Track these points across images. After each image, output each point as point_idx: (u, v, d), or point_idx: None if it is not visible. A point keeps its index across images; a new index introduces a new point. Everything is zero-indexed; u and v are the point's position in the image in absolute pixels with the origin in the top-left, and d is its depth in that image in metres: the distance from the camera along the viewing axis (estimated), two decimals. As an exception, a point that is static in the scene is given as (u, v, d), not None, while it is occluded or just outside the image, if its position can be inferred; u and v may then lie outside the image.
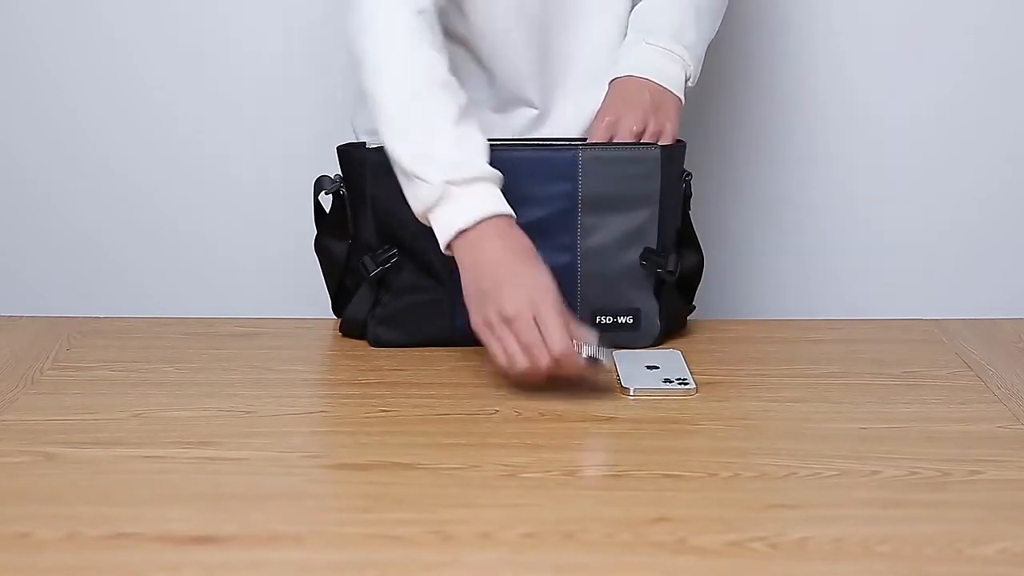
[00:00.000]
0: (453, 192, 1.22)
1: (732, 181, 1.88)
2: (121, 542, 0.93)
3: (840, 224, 1.90)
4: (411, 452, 1.09)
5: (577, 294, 1.34)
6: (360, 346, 1.38)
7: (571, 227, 1.34)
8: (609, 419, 1.17)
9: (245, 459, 1.08)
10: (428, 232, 1.27)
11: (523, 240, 1.23)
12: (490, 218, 1.22)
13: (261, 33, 1.81)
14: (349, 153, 1.38)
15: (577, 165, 1.33)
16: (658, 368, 1.28)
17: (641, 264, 1.34)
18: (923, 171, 1.88)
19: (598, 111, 1.38)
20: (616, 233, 1.34)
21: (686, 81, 1.40)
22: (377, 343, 1.38)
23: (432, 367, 1.31)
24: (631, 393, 1.23)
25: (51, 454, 1.08)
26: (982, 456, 1.08)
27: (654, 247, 1.35)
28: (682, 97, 1.40)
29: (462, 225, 1.22)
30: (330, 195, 1.41)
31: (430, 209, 1.23)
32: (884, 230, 1.90)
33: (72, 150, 1.86)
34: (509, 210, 1.23)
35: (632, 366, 1.28)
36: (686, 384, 1.24)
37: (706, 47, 1.43)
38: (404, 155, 1.25)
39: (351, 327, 1.40)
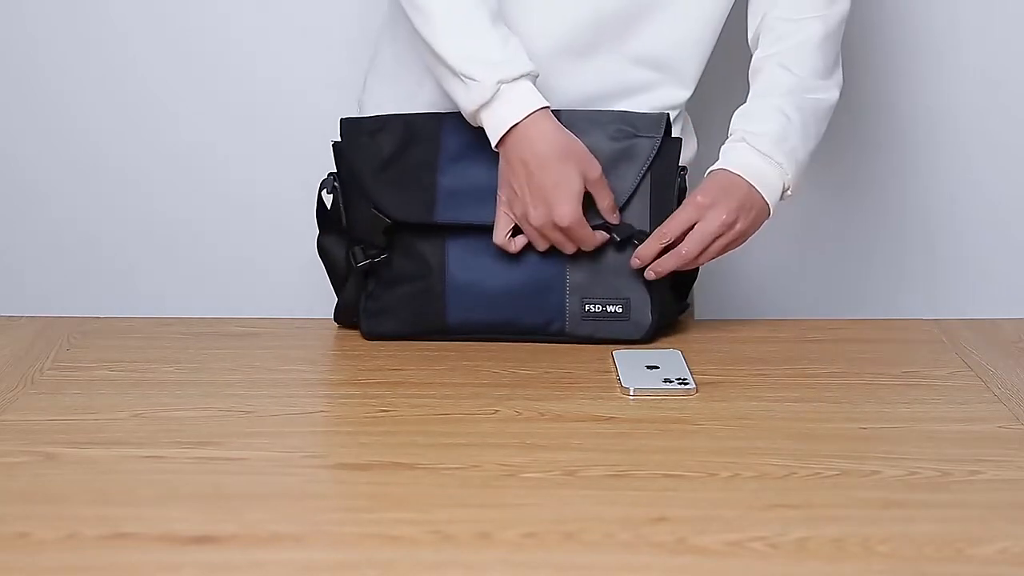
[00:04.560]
0: (503, 91, 1.30)
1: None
2: (121, 542, 0.93)
3: (840, 224, 1.90)
4: (411, 452, 1.09)
5: (566, 281, 1.35)
6: (360, 346, 1.38)
7: None
8: (609, 419, 1.17)
9: (245, 459, 1.08)
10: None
11: (560, 135, 1.31)
12: (534, 112, 1.30)
13: (263, 32, 1.81)
14: (342, 148, 1.39)
15: None
16: (658, 368, 1.28)
17: (633, 245, 1.35)
18: (923, 171, 1.87)
19: (693, 192, 1.36)
20: None
21: (784, 191, 1.37)
22: (370, 335, 1.38)
23: (432, 367, 1.31)
24: (631, 393, 1.23)
25: (51, 454, 1.08)
26: (982, 456, 1.08)
27: (644, 231, 1.35)
28: (773, 208, 1.37)
29: (514, 121, 1.30)
30: (331, 195, 1.42)
31: (482, 108, 1.31)
32: (884, 230, 1.90)
33: (72, 150, 1.86)
34: (546, 101, 1.32)
35: (632, 366, 1.28)
36: (686, 384, 1.24)
37: (809, 155, 1.40)
38: (454, 56, 1.31)
39: (345, 313, 1.41)
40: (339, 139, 1.42)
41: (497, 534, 0.94)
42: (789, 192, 1.38)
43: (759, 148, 1.36)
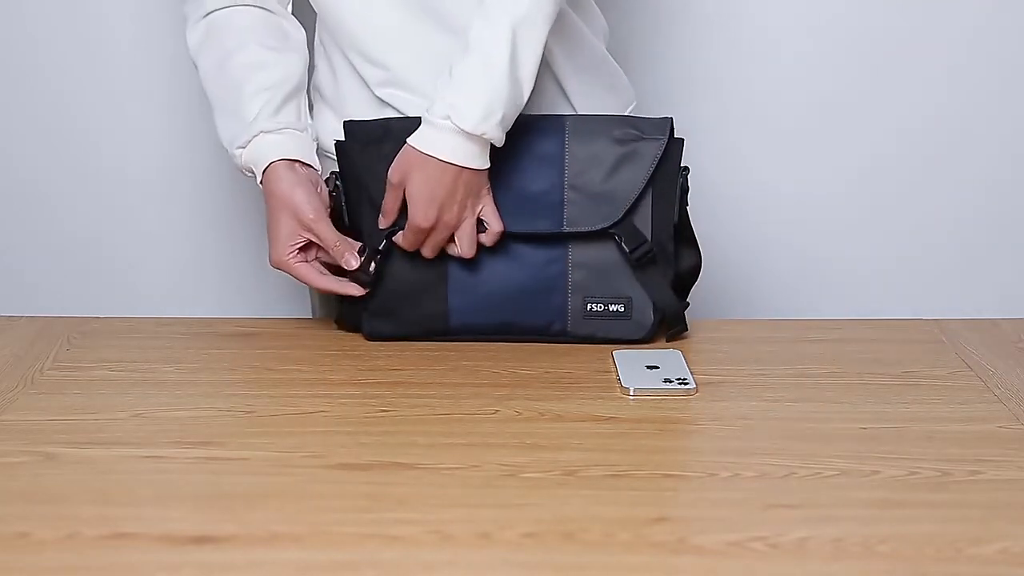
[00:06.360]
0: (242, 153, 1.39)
1: (732, 180, 1.88)
2: (121, 542, 0.93)
3: (840, 224, 1.90)
4: (411, 452, 1.09)
5: (568, 281, 1.36)
6: (360, 346, 1.38)
7: (560, 214, 1.34)
8: (609, 419, 1.17)
9: (245, 459, 1.08)
10: None
11: (278, 188, 1.36)
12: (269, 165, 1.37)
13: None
14: (343, 147, 1.39)
15: (564, 153, 1.34)
16: (658, 368, 1.28)
17: (618, 240, 1.35)
18: (923, 171, 1.88)
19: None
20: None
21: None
22: (372, 335, 1.39)
23: (432, 367, 1.31)
24: (631, 393, 1.23)
25: (51, 454, 1.08)
26: (982, 456, 1.08)
27: (648, 239, 1.35)
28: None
29: (259, 175, 1.38)
30: (333, 194, 1.42)
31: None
32: (884, 230, 1.90)
33: (72, 150, 1.86)
34: (280, 155, 1.36)
35: (632, 366, 1.28)
36: (686, 384, 1.24)
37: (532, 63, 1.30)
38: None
39: (350, 317, 1.41)
40: (342, 139, 1.42)
41: (497, 534, 0.94)
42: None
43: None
